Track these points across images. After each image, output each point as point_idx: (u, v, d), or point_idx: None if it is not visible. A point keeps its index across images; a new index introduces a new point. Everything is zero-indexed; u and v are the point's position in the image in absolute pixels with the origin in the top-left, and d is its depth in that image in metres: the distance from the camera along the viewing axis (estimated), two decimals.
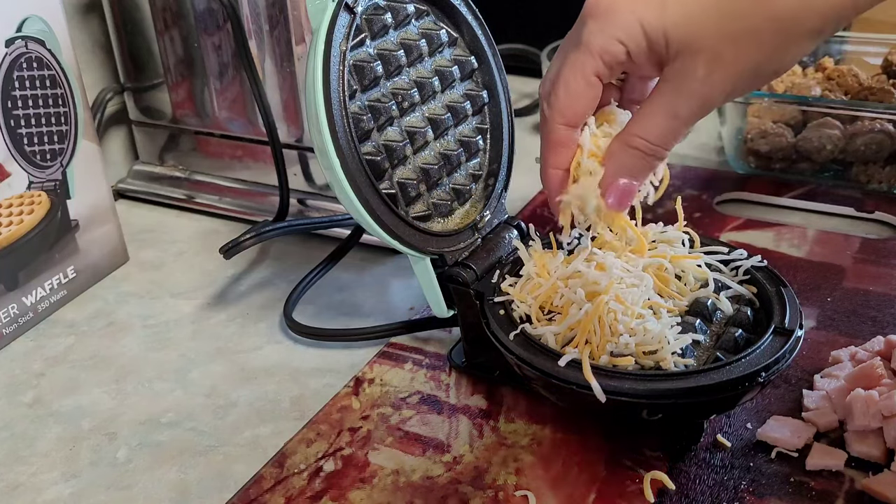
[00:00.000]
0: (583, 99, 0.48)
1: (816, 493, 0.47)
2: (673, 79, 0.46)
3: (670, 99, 0.46)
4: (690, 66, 0.45)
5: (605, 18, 0.46)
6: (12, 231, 0.63)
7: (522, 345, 0.50)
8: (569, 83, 0.48)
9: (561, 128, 0.49)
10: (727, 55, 0.44)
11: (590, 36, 0.47)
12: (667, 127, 0.47)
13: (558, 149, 0.50)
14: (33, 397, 0.59)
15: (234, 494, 0.50)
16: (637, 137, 0.48)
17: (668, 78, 0.46)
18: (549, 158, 0.51)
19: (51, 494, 0.51)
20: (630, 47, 0.46)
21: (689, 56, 0.45)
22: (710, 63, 0.44)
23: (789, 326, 0.50)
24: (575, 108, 0.49)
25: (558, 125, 0.49)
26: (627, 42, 0.46)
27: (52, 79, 0.64)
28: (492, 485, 0.49)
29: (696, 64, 0.44)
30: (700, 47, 0.44)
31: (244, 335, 0.64)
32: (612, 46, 0.46)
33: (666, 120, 0.47)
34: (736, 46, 0.44)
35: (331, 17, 0.53)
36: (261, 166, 0.78)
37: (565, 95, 0.48)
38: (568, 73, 0.48)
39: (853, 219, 0.75)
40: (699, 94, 0.45)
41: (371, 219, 0.53)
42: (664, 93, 0.46)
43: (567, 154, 0.50)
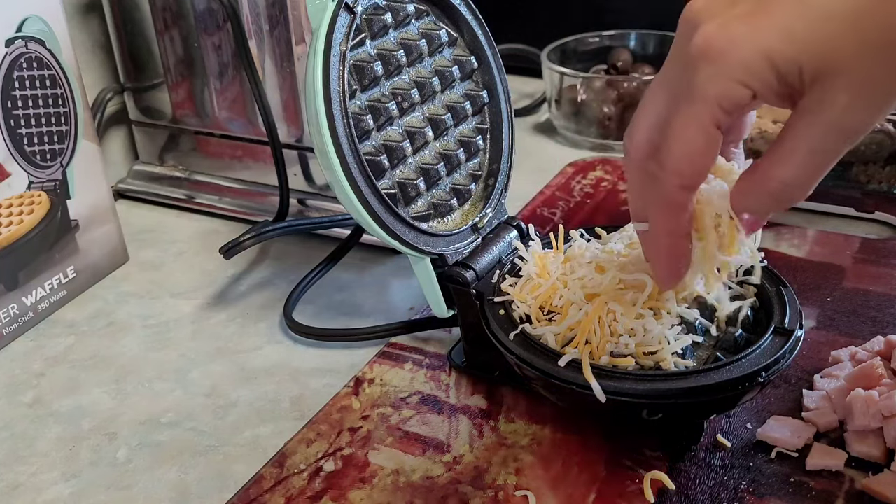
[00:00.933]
0: (704, 155, 0.42)
1: (816, 493, 0.47)
2: (811, 111, 0.39)
3: (810, 134, 0.40)
4: (831, 95, 0.38)
5: (721, 58, 0.39)
6: (12, 231, 0.63)
7: (522, 345, 0.50)
8: (687, 140, 0.41)
9: (680, 191, 0.43)
10: (872, 77, 0.38)
11: (705, 82, 0.40)
12: (808, 166, 0.41)
13: (679, 214, 0.44)
14: (33, 397, 0.59)
15: (234, 494, 0.50)
16: (775, 181, 0.41)
17: (806, 110, 0.39)
18: (667, 225, 0.45)
19: (51, 494, 0.51)
20: (756, 87, 0.39)
21: (828, 83, 0.38)
22: (855, 88, 0.38)
23: (789, 326, 0.50)
24: (696, 167, 0.42)
25: (676, 188, 0.42)
26: (752, 82, 0.39)
27: (52, 79, 0.64)
28: (492, 485, 0.49)
29: (838, 91, 0.38)
30: (841, 71, 0.38)
31: (244, 335, 0.64)
32: (733, 91, 0.39)
33: (810, 158, 0.40)
34: (881, 66, 0.38)
35: (331, 17, 0.53)
36: (261, 166, 0.78)
37: (683, 154, 0.42)
38: (683, 128, 0.41)
39: (853, 219, 0.75)
40: (843, 124, 0.39)
41: (371, 219, 0.53)
42: (801, 128, 0.40)
43: (686, 219, 0.44)
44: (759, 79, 0.39)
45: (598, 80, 0.91)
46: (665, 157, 0.42)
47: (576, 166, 0.85)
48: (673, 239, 0.45)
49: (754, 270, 0.51)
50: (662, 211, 0.44)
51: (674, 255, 0.46)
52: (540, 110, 1.00)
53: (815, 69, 0.38)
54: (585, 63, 0.98)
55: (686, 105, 0.41)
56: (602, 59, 0.98)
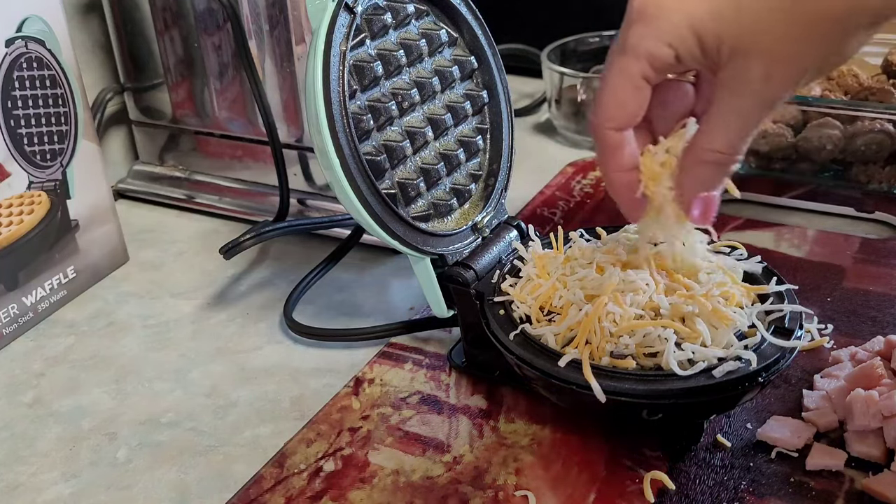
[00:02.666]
0: (630, 103, 0.46)
1: (816, 493, 0.47)
2: (730, 83, 0.44)
3: (732, 104, 0.44)
4: (746, 69, 0.43)
5: (654, 21, 0.44)
6: (12, 231, 0.63)
7: (522, 345, 0.50)
8: (615, 89, 0.46)
9: (611, 133, 0.48)
10: (784, 54, 0.42)
11: (637, 39, 0.45)
12: (735, 133, 0.45)
13: (615, 152, 0.48)
14: (33, 397, 0.59)
15: (234, 494, 0.50)
16: (708, 151, 0.46)
17: (725, 82, 0.44)
18: (609, 163, 0.49)
19: (51, 494, 0.51)
20: (679, 51, 0.44)
21: (744, 58, 0.43)
22: (768, 65, 0.42)
23: (789, 326, 0.50)
24: (623, 112, 0.47)
25: (608, 130, 0.47)
26: (677, 46, 0.44)
27: (52, 79, 0.64)
28: (492, 485, 0.49)
29: (752, 66, 0.43)
30: (756, 49, 0.42)
31: (244, 335, 0.64)
32: (659, 50, 0.44)
33: (733, 125, 0.45)
34: (792, 45, 0.42)
35: (331, 17, 0.53)
36: (261, 166, 0.78)
37: (612, 101, 0.47)
38: (614, 78, 0.46)
39: (853, 219, 0.75)
40: (760, 94, 0.44)
41: (371, 219, 0.53)
42: (724, 99, 0.44)
43: (624, 155, 0.48)
44: (683, 45, 0.44)
45: (598, 80, 0.91)
46: (598, 104, 0.47)
47: (576, 166, 0.85)
48: (619, 174, 0.49)
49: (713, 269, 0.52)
50: (603, 151, 0.49)
51: (626, 187, 0.49)
52: (540, 110, 1.00)
53: (733, 45, 0.43)
54: (585, 63, 0.98)
55: (618, 57, 0.46)
56: (602, 59, 0.98)
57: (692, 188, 0.48)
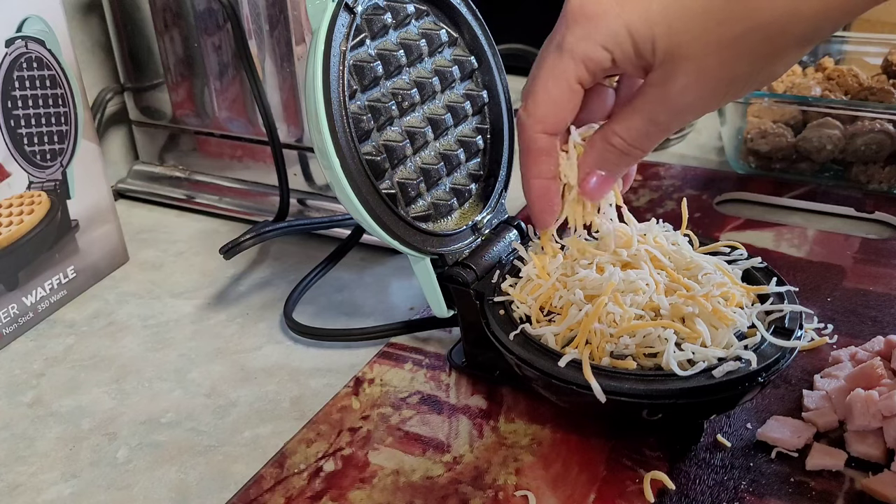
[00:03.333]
0: (564, 106, 0.47)
1: (816, 493, 0.47)
2: (655, 85, 0.45)
3: (651, 106, 0.46)
4: (672, 75, 0.44)
5: (590, 23, 0.45)
6: (12, 231, 0.63)
7: (522, 345, 0.50)
8: (549, 90, 0.47)
9: (541, 136, 0.48)
10: (711, 65, 0.43)
11: (574, 41, 0.45)
12: (645, 132, 0.47)
13: (540, 157, 0.49)
14: (33, 397, 0.59)
15: (234, 494, 0.50)
16: (617, 136, 0.47)
17: (652, 83, 0.45)
18: (532, 168, 0.50)
19: (51, 494, 0.51)
20: (615, 54, 0.45)
21: (672, 64, 0.44)
22: (694, 73, 0.44)
23: (789, 326, 0.50)
24: (556, 115, 0.47)
25: (538, 133, 0.48)
26: (613, 49, 0.45)
27: (52, 79, 0.64)
28: (492, 485, 0.49)
29: (679, 73, 0.44)
30: (685, 55, 0.43)
31: (244, 335, 0.64)
32: (596, 53, 0.45)
33: (645, 125, 0.46)
34: (720, 56, 0.43)
35: (331, 17, 0.53)
36: (261, 166, 0.78)
37: (546, 102, 0.47)
38: (548, 79, 0.47)
39: (853, 219, 0.75)
40: (679, 104, 0.45)
41: (371, 219, 0.53)
42: (647, 98, 0.46)
43: (550, 163, 0.49)
44: (619, 48, 0.44)
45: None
46: (528, 103, 0.47)
47: None
48: (539, 181, 0.50)
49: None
50: (529, 155, 0.49)
51: (543, 195, 0.50)
52: None
53: (665, 50, 0.43)
54: None
55: (554, 58, 0.46)
56: None
57: (592, 163, 0.49)
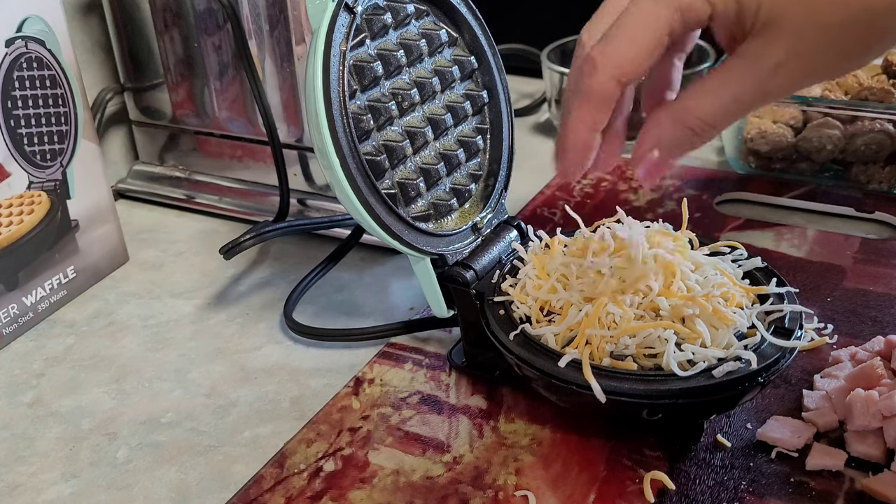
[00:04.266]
0: (649, 56, 0.42)
1: (816, 493, 0.47)
2: (747, 58, 0.41)
3: (739, 80, 0.41)
4: (768, 50, 0.40)
5: None
6: (12, 231, 0.63)
7: (522, 345, 0.50)
8: (636, 34, 0.41)
9: (613, 83, 0.42)
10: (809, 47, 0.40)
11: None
12: (727, 110, 0.42)
13: (603, 106, 0.43)
14: (33, 397, 0.59)
15: (234, 494, 0.50)
16: (693, 115, 0.42)
17: (744, 55, 0.41)
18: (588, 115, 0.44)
19: (51, 494, 0.51)
20: (717, 9, 0.40)
21: (770, 37, 0.40)
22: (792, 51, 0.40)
23: (789, 326, 0.50)
24: (638, 64, 0.42)
25: (611, 79, 0.42)
26: (717, 2, 0.40)
27: (52, 79, 0.64)
28: (492, 485, 0.49)
29: (775, 48, 0.40)
30: (786, 30, 0.39)
31: (244, 335, 0.64)
32: (697, 4, 0.40)
33: (729, 103, 0.42)
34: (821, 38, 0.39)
35: (331, 17, 0.53)
36: (261, 166, 0.78)
37: (630, 47, 0.42)
38: (637, 21, 0.41)
39: (853, 219, 0.75)
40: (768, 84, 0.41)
41: (371, 219, 0.53)
42: (734, 71, 0.41)
43: (608, 114, 0.44)
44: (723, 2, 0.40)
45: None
46: (610, 45, 0.42)
47: None
48: (590, 132, 0.45)
49: None
50: (587, 99, 0.43)
51: (585, 147, 0.45)
52: (540, 110, 1.00)
53: (766, 20, 0.40)
54: None
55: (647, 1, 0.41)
56: None
57: (654, 141, 0.44)
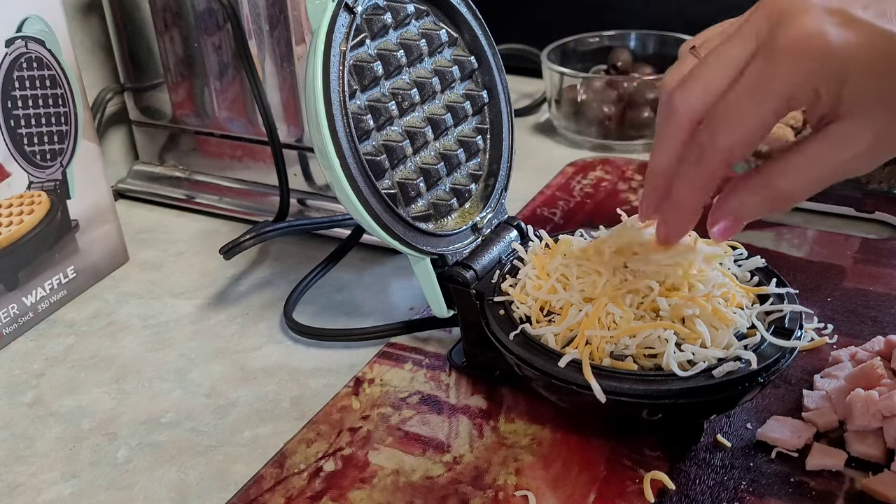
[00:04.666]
0: (756, 142, 0.42)
1: (816, 493, 0.47)
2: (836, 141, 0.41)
3: (826, 162, 0.42)
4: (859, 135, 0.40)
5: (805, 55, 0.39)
6: (12, 231, 0.63)
7: (522, 345, 0.50)
8: (750, 123, 0.41)
9: (725, 165, 0.43)
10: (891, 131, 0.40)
11: (783, 76, 0.40)
12: (812, 186, 0.43)
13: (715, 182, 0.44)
14: (33, 397, 0.59)
15: (234, 494, 0.50)
16: (777, 188, 0.43)
17: (832, 137, 0.41)
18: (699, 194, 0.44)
19: (51, 494, 0.51)
20: (823, 99, 0.40)
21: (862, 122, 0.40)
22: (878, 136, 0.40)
23: (789, 327, 0.50)
24: (746, 149, 0.42)
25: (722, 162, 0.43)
26: (824, 92, 0.40)
27: (52, 79, 0.64)
28: (492, 485, 0.49)
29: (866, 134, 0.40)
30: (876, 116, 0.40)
31: (244, 335, 0.64)
32: (805, 95, 0.40)
33: (812, 182, 0.43)
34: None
35: (331, 17, 0.53)
36: (261, 166, 0.78)
37: (742, 135, 0.42)
38: (750, 109, 0.41)
39: (853, 219, 0.75)
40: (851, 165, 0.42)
41: (371, 219, 0.53)
42: (822, 154, 0.42)
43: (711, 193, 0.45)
44: (828, 91, 0.40)
45: (598, 80, 0.91)
46: (721, 135, 0.42)
47: (576, 166, 0.85)
48: (697, 208, 0.46)
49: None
50: (699, 182, 0.44)
51: (692, 218, 0.46)
52: (540, 110, 1.00)
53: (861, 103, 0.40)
54: (585, 63, 0.98)
55: (760, 91, 0.41)
56: (602, 59, 0.98)
57: (735, 208, 0.45)
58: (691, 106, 0.43)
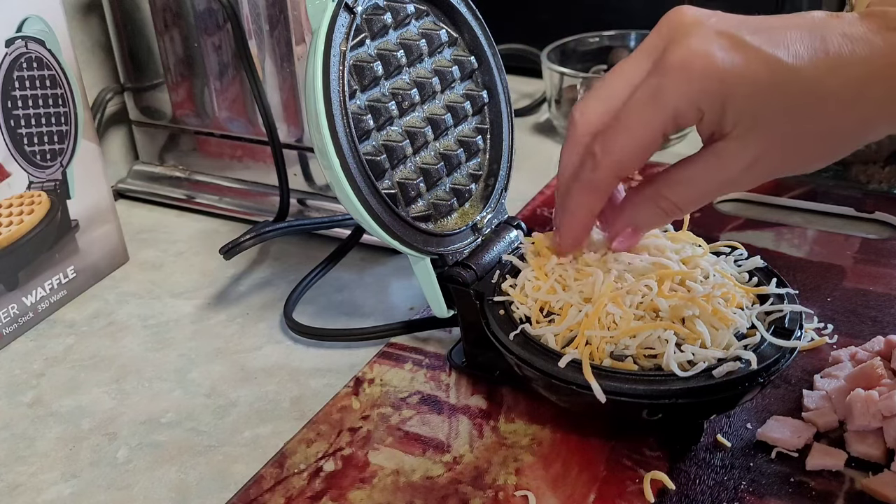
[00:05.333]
0: (644, 156, 0.45)
1: (816, 493, 0.47)
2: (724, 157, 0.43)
3: (714, 176, 0.44)
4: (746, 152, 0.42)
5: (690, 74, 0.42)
6: (12, 231, 0.63)
7: (522, 345, 0.50)
8: (635, 135, 0.44)
9: (615, 179, 0.46)
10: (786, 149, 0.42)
11: (669, 92, 0.42)
12: (699, 198, 0.46)
13: (603, 196, 0.47)
14: (33, 397, 0.59)
15: (234, 494, 0.50)
16: (667, 199, 0.46)
17: (720, 154, 0.43)
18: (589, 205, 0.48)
19: (51, 494, 0.51)
20: (707, 117, 0.42)
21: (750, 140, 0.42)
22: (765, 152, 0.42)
23: (789, 327, 0.50)
24: (635, 164, 0.45)
25: (611, 175, 0.46)
26: (707, 111, 0.42)
27: (52, 79, 0.64)
28: (492, 485, 0.49)
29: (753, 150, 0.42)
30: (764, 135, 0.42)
31: (244, 335, 0.64)
32: (690, 112, 0.42)
33: (701, 194, 0.46)
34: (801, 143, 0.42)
35: (331, 17, 0.53)
36: (261, 166, 0.78)
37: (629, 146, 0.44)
38: (636, 124, 0.44)
39: (853, 219, 0.75)
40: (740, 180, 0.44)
41: (371, 219, 0.53)
42: (710, 168, 0.44)
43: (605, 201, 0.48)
44: (712, 110, 0.42)
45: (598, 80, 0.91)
46: (611, 144, 0.45)
47: None
48: (590, 217, 0.49)
49: None
50: (590, 190, 0.47)
51: (585, 228, 0.50)
52: (540, 110, 1.00)
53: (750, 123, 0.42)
54: (585, 63, 0.98)
55: (648, 105, 0.43)
56: (602, 59, 0.98)
57: (629, 221, 0.49)
58: (588, 119, 0.46)
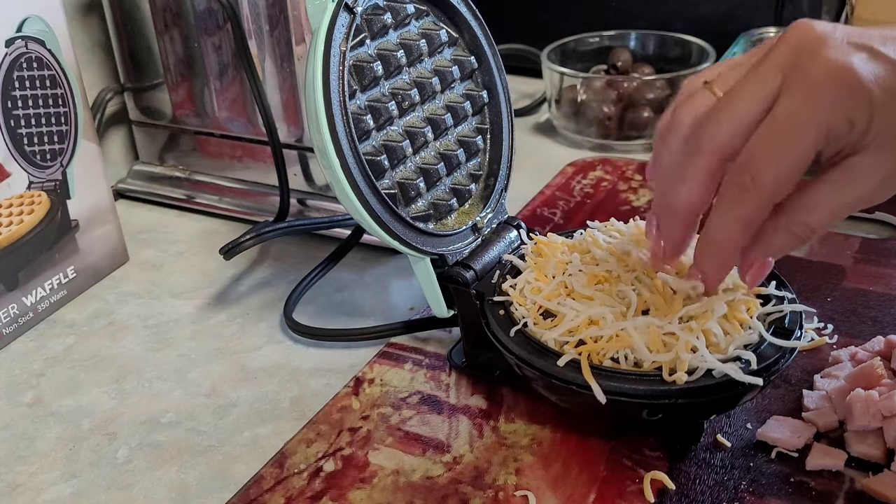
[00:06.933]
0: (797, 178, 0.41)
1: (816, 493, 0.47)
2: (858, 172, 0.41)
3: (848, 191, 0.42)
4: (882, 167, 0.41)
5: (839, 86, 0.39)
6: (12, 231, 0.63)
7: (522, 345, 0.50)
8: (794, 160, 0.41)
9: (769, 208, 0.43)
10: None
11: (821, 106, 0.40)
12: (833, 218, 0.43)
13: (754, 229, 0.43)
14: (33, 397, 0.59)
15: (234, 494, 0.50)
16: (802, 224, 0.43)
17: (854, 170, 0.41)
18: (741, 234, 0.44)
19: (51, 494, 0.51)
20: (856, 129, 0.40)
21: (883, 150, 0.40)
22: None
23: (789, 327, 0.50)
24: (788, 188, 0.42)
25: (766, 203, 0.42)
26: (858, 122, 0.40)
27: (52, 79, 0.64)
28: (492, 485, 0.49)
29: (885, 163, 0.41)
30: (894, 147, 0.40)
31: (244, 335, 0.64)
32: (843, 126, 0.40)
33: (836, 213, 0.43)
34: None
35: (331, 17, 0.53)
36: (261, 166, 0.78)
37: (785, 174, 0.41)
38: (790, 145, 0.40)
39: (853, 219, 0.75)
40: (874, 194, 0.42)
41: (371, 219, 0.53)
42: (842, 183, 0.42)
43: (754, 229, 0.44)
44: (862, 120, 0.40)
45: (598, 80, 0.91)
46: (764, 169, 0.41)
47: (576, 166, 0.85)
48: (738, 249, 0.45)
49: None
50: (744, 225, 0.43)
51: (732, 262, 0.46)
52: (540, 110, 1.00)
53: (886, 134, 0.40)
54: (585, 63, 0.98)
55: (798, 122, 0.40)
56: (602, 59, 0.98)
57: (766, 251, 0.45)
58: (721, 143, 0.42)
